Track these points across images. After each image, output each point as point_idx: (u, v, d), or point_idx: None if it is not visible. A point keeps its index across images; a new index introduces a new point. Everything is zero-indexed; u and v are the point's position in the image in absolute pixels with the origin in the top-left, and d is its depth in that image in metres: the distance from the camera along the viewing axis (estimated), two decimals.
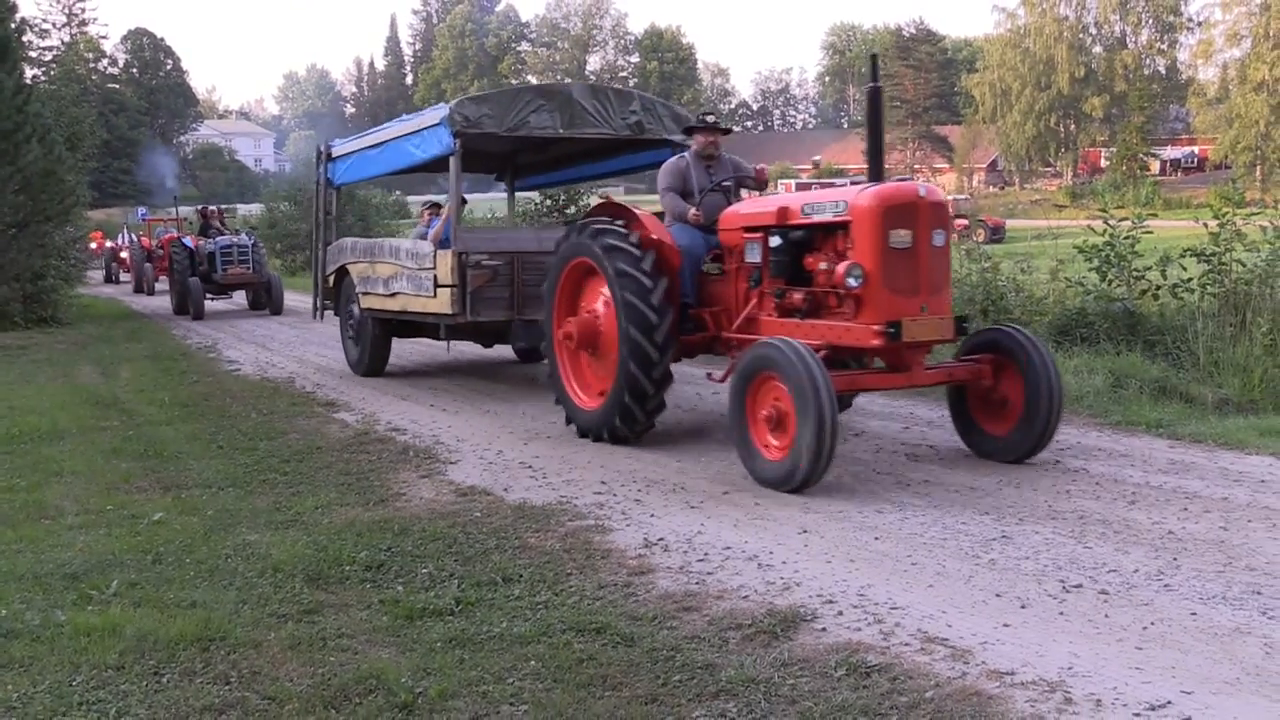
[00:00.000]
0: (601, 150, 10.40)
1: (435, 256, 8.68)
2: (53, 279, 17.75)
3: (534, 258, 8.50)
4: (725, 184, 7.09)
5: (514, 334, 8.94)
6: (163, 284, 23.14)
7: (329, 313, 11.46)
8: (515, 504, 5.48)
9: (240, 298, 19.78)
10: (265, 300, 18.82)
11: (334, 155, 11.11)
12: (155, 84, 76.53)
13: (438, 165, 9.67)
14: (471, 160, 9.87)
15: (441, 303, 8.61)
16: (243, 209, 39.00)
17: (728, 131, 7.66)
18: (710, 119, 7.37)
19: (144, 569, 4.50)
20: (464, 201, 9.93)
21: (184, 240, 19.67)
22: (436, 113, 8.70)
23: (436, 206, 11.14)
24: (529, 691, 3.26)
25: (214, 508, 5.52)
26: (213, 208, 21.57)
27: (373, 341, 10.21)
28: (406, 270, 9.12)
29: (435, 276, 8.63)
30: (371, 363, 10.29)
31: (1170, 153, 59.88)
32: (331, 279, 11.08)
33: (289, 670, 3.46)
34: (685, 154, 7.19)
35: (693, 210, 6.83)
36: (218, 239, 18.87)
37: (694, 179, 7.01)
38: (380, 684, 3.31)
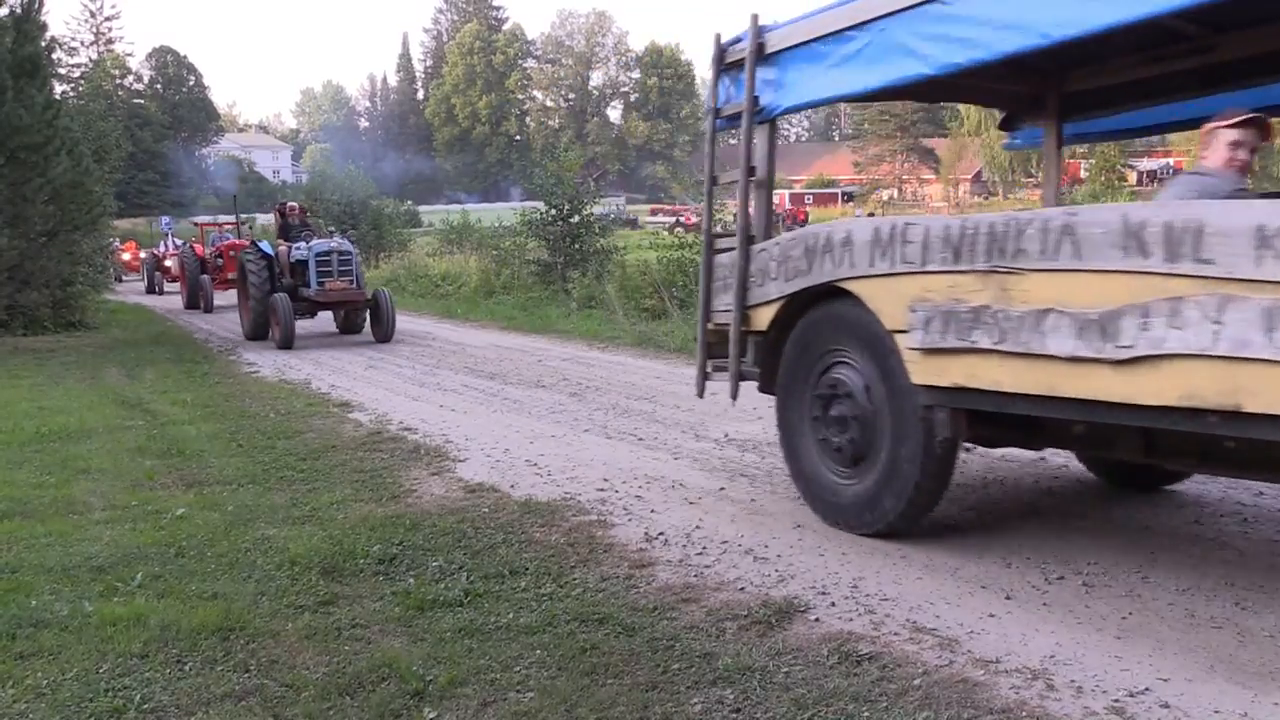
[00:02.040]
0: None
1: None
2: (81, 285, 18.01)
3: None
4: None
5: None
6: (222, 298, 19.97)
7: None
8: (521, 500, 5.56)
9: (326, 318, 15.46)
10: (362, 322, 14.50)
11: (769, 51, 5.05)
12: (178, 99, 77.44)
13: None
14: (990, 75, 4.90)
15: None
16: (262, 218, 39.14)
17: None
18: None
19: (167, 562, 4.57)
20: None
21: (260, 245, 15.07)
22: None
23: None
24: (535, 679, 3.31)
25: (234, 504, 5.60)
26: (292, 204, 16.28)
27: (931, 458, 4.37)
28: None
29: None
30: (917, 503, 4.51)
31: (1146, 164, 59.97)
32: (770, 313, 5.10)
33: (305, 659, 3.51)
34: None
35: None
36: (313, 243, 14.08)
37: None
38: (392, 672, 3.36)
